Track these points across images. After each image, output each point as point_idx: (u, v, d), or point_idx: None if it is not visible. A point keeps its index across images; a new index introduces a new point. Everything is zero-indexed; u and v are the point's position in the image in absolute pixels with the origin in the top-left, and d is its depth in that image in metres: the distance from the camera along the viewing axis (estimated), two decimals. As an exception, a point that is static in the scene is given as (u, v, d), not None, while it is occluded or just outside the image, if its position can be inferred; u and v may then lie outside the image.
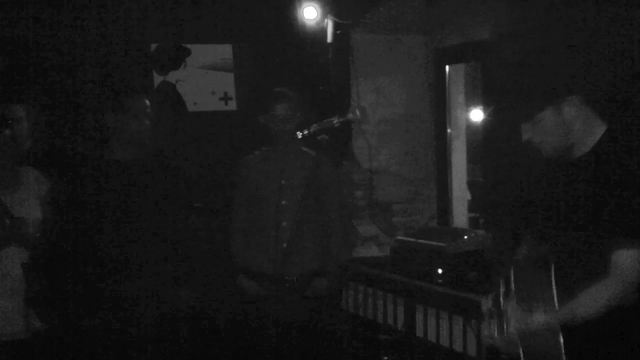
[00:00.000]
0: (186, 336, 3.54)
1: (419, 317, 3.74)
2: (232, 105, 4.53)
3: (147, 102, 3.17)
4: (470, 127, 4.72)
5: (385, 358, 3.91)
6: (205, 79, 4.49)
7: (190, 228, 3.37)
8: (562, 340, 2.05)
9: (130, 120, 3.08)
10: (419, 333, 3.74)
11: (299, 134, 2.76)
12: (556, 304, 2.09)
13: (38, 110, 3.28)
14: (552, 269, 2.12)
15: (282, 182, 3.59)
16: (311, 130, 2.75)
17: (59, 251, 3.00)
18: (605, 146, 2.13)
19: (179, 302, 3.18)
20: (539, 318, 2.07)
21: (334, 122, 2.76)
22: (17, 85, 3.97)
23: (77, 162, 3.38)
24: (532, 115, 2.15)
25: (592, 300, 2.05)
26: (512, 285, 2.21)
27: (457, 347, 3.49)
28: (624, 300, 2.03)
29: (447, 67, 4.56)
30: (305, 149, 3.63)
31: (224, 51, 4.52)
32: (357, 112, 2.81)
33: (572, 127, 2.14)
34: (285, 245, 3.45)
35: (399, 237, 4.10)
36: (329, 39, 4.42)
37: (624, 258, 2.02)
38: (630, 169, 2.04)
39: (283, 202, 3.57)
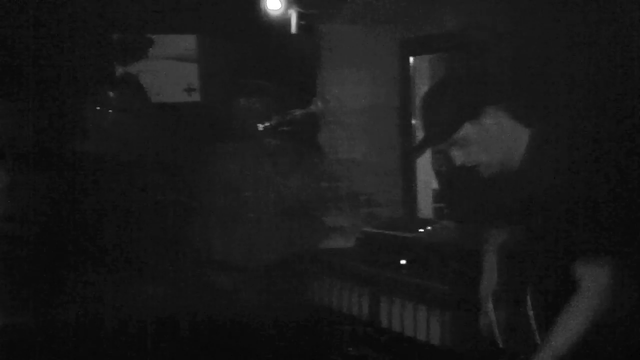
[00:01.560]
0: (154, 330, 3.51)
1: (384, 307, 3.76)
2: (196, 97, 4.50)
3: (111, 94, 3.14)
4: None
5: (350, 349, 3.92)
6: (169, 70, 4.45)
7: (156, 221, 3.35)
8: None
9: (96, 113, 3.05)
10: (384, 323, 3.76)
11: (261, 126, 2.76)
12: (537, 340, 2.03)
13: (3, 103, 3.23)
14: (529, 300, 2.06)
15: (247, 173, 3.58)
16: (274, 122, 2.75)
17: (26, 244, 2.96)
18: (535, 153, 2.05)
19: (146, 296, 3.17)
20: None
21: (297, 113, 2.76)
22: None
23: (47, 156, 3.32)
24: (450, 133, 2.05)
25: (567, 328, 1.96)
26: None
27: (421, 336, 3.52)
28: (596, 317, 1.95)
29: (411, 59, 4.57)
30: (269, 140, 3.63)
31: (187, 42, 4.49)
32: (320, 104, 2.82)
33: (497, 139, 2.06)
34: (252, 236, 3.44)
35: (365, 229, 4.12)
36: (293, 29, 4.41)
37: (584, 270, 1.94)
38: (565, 174, 1.97)
39: (248, 194, 3.57)
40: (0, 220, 2.97)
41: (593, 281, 1.93)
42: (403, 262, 3.68)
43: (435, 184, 4.88)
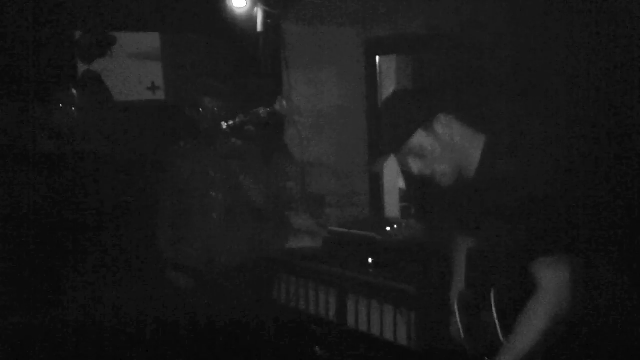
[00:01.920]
0: (116, 331, 3.45)
1: (351, 307, 3.75)
2: (160, 95, 4.44)
3: (74, 92, 3.09)
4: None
5: (317, 348, 3.91)
6: (132, 68, 4.38)
7: (117, 222, 3.29)
8: None
9: (56, 111, 2.99)
10: (351, 323, 3.75)
11: (224, 125, 2.72)
12: (501, 340, 2.02)
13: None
14: (492, 301, 2.05)
15: (210, 173, 3.54)
16: (237, 121, 2.72)
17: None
18: (490, 159, 2.05)
19: (106, 298, 3.12)
20: None
21: (260, 113, 2.74)
22: None
23: (7, 155, 3.23)
24: (403, 141, 2.05)
25: (528, 328, 1.96)
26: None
27: (388, 336, 3.52)
28: (557, 317, 1.95)
29: (377, 58, 4.57)
30: (233, 140, 3.59)
31: (151, 40, 4.42)
32: (284, 104, 2.80)
33: (452, 146, 2.06)
34: (214, 237, 3.41)
35: (331, 228, 4.10)
36: (259, 28, 4.37)
37: (541, 270, 1.95)
38: (519, 179, 1.97)
39: (212, 194, 3.52)
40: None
41: (550, 281, 1.94)
42: (370, 261, 3.67)
43: (402, 184, 4.90)
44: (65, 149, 3.03)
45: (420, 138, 2.05)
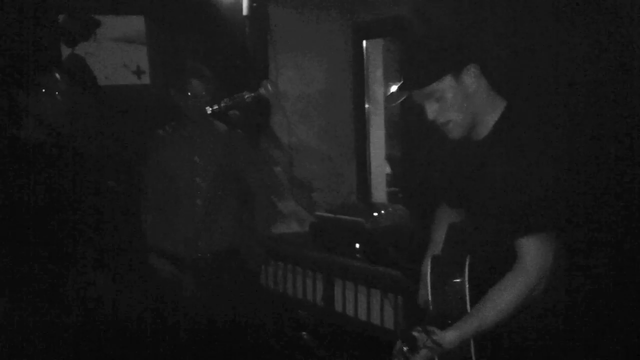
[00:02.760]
0: (100, 321, 3.41)
1: (338, 291, 3.76)
2: (146, 79, 4.39)
3: (58, 76, 3.04)
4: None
5: (304, 333, 3.91)
6: (117, 51, 4.33)
7: (103, 208, 3.27)
8: (473, 349, 2.01)
9: (42, 97, 2.94)
10: (338, 308, 3.76)
11: (209, 109, 2.69)
12: (468, 309, 2.02)
13: None
14: (466, 268, 2.06)
15: (196, 159, 3.50)
16: (222, 105, 2.69)
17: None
18: (506, 125, 2.05)
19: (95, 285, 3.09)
20: (451, 336, 1.95)
21: (245, 97, 2.71)
22: None
23: None
24: (431, 80, 2.03)
25: (498, 300, 1.96)
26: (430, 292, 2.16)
27: (375, 320, 3.53)
28: (530, 294, 1.96)
29: (364, 42, 4.55)
30: (218, 124, 3.55)
31: (136, 23, 4.36)
32: (269, 87, 2.77)
33: (473, 100, 2.05)
34: (200, 223, 3.38)
35: (318, 213, 4.10)
36: (245, 11, 4.33)
37: (527, 247, 1.96)
38: (528, 151, 1.98)
39: (197, 180, 3.49)
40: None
41: (534, 257, 1.95)
42: (357, 246, 3.67)
43: (389, 169, 4.90)
44: (46, 134, 2.98)
45: (447, 83, 2.03)
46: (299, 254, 4.02)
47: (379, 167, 4.71)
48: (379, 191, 4.70)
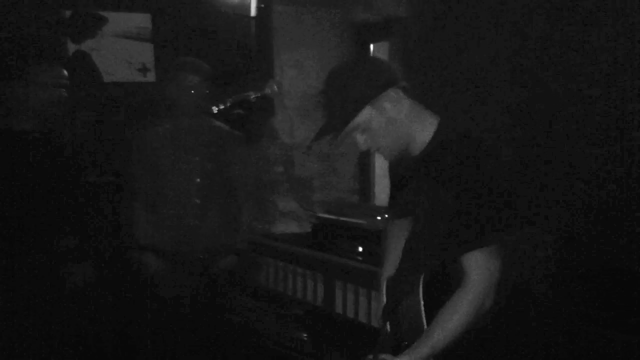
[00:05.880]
0: (79, 313, 3.38)
1: (338, 293, 3.76)
2: (151, 77, 4.41)
3: (65, 72, 3.05)
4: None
5: (305, 335, 3.91)
6: (123, 48, 4.35)
7: (96, 203, 3.26)
8: None
9: (38, 90, 2.94)
10: (338, 309, 3.75)
11: (215, 109, 2.69)
12: (424, 327, 1.97)
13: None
14: (421, 287, 2.00)
15: (195, 158, 3.49)
16: (227, 104, 2.70)
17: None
18: (437, 142, 2.00)
19: (74, 277, 3.07)
20: None
21: (251, 96, 2.71)
22: None
23: None
24: (350, 118, 1.97)
25: (447, 320, 1.92)
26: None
27: (376, 322, 3.52)
28: (480, 310, 1.92)
29: (371, 46, 4.55)
30: (217, 123, 3.52)
31: (142, 20, 4.38)
32: (275, 87, 2.77)
33: (399, 123, 2.00)
34: (196, 222, 3.37)
35: (320, 215, 4.10)
36: (253, 12, 4.34)
37: (471, 262, 1.91)
38: (464, 165, 1.93)
39: (197, 180, 3.48)
40: None
41: (479, 274, 1.91)
42: (360, 249, 3.67)
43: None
44: (49, 129, 2.99)
45: (367, 114, 1.98)
46: (300, 254, 4.02)
47: (382, 169, 4.71)
48: (382, 193, 4.70)
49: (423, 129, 2.03)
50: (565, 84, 2.66)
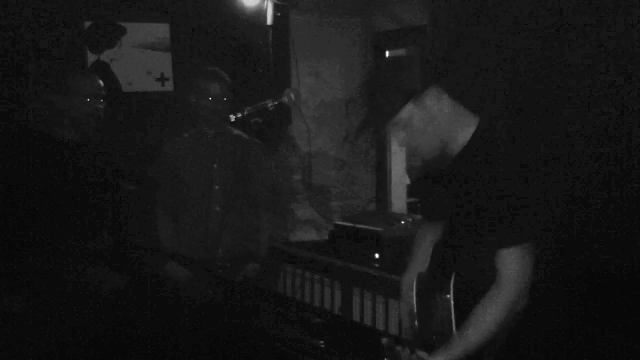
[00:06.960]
0: (105, 319, 3.42)
1: (356, 300, 3.76)
2: (169, 86, 4.44)
3: (102, 83, 3.13)
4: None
5: (321, 342, 3.91)
6: (141, 58, 4.39)
7: (123, 210, 3.30)
8: None
9: (80, 101, 3.02)
10: (356, 317, 3.76)
11: (233, 117, 2.72)
12: (454, 328, 1.99)
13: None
14: (452, 285, 2.02)
15: (214, 166, 3.52)
16: (245, 113, 2.72)
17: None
18: (478, 142, 2.02)
19: (104, 283, 3.11)
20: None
21: (269, 105, 2.73)
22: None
23: (23, 141, 3.23)
24: (395, 113, 2.02)
25: (481, 320, 1.93)
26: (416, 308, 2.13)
27: (393, 330, 3.52)
28: (514, 309, 1.93)
29: (387, 53, 4.56)
30: (237, 132, 3.57)
31: (161, 30, 4.42)
32: (292, 96, 2.79)
33: (438, 121, 2.02)
34: (216, 229, 3.40)
35: (337, 222, 4.11)
36: (269, 21, 4.37)
37: (505, 260, 1.93)
38: (500, 166, 1.95)
39: (216, 187, 3.51)
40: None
41: (513, 271, 1.92)
42: (377, 256, 3.67)
43: (408, 180, 4.89)
44: (86, 139, 3.08)
45: (409, 110, 2.02)
46: (317, 261, 4.03)
47: (399, 177, 4.71)
48: (399, 201, 4.70)
49: (463, 129, 2.04)
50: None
